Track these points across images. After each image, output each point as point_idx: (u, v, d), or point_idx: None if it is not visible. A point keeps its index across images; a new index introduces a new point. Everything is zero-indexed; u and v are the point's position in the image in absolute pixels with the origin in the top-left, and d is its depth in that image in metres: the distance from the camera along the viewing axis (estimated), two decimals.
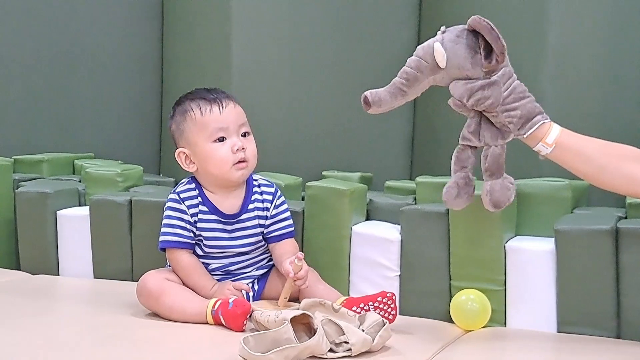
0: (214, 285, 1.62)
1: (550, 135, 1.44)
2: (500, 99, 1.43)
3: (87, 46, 2.46)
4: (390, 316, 1.53)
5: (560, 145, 1.44)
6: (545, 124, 1.45)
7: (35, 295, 1.79)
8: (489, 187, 1.48)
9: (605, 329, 1.54)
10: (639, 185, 1.40)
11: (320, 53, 2.23)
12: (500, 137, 1.47)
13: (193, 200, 1.65)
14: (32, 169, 2.23)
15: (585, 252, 1.53)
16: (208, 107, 1.62)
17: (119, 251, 1.92)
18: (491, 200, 1.48)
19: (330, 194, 1.75)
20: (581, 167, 1.44)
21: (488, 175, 1.48)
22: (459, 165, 1.50)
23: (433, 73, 1.45)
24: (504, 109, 1.44)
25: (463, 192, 1.50)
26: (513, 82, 1.46)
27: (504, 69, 1.45)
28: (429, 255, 1.67)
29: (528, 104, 1.45)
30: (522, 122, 1.44)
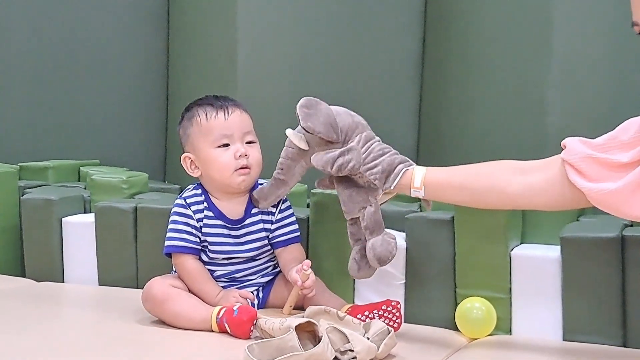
0: (219, 293, 1.62)
1: (416, 178, 1.48)
2: (361, 160, 1.51)
3: (93, 53, 2.47)
4: (395, 324, 1.53)
5: (429, 185, 1.48)
6: (409, 170, 1.50)
7: (40, 302, 1.79)
8: (370, 244, 1.54)
9: (611, 337, 1.53)
10: (514, 195, 1.41)
11: (325, 60, 2.23)
12: (370, 196, 1.53)
13: (199, 206, 1.66)
14: (37, 175, 2.23)
15: (591, 260, 1.53)
16: (214, 113, 1.64)
17: (124, 258, 1.92)
18: (375, 256, 1.53)
19: (335, 200, 1.74)
20: (457, 197, 1.48)
21: (369, 233, 1.54)
22: (353, 240, 1.59)
23: (302, 157, 1.56)
24: (366, 169, 1.51)
25: (363, 264, 1.57)
26: (372, 144, 1.53)
27: (359, 135, 1.53)
28: (435, 262, 1.67)
29: (387, 158, 1.51)
30: (385, 175, 1.50)
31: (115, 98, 2.50)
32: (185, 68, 2.40)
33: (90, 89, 2.47)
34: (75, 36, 2.45)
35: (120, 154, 2.47)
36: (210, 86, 2.20)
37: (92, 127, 2.47)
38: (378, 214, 1.54)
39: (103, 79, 2.48)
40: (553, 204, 1.41)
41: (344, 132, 1.53)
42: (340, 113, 1.55)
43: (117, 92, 2.50)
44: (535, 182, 1.40)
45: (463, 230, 1.63)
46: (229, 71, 2.25)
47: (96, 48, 2.47)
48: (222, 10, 2.27)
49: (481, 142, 2.04)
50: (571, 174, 1.35)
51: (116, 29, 2.48)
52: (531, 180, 1.41)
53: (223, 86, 2.24)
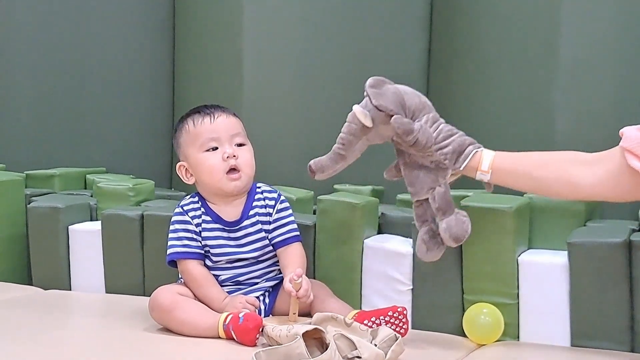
0: (225, 298, 1.62)
1: (484, 162, 1.49)
2: (432, 138, 1.51)
3: (99, 61, 2.47)
4: (402, 330, 1.53)
5: (496, 169, 1.48)
6: (478, 152, 1.50)
7: (47, 310, 1.79)
8: (445, 224, 1.54)
9: (619, 342, 1.52)
10: (579, 187, 1.43)
11: (331, 68, 2.23)
12: (439, 176, 1.53)
13: (196, 212, 1.68)
14: (44, 184, 2.24)
15: (599, 265, 1.52)
16: (200, 119, 1.68)
17: (130, 266, 1.92)
18: (451, 236, 1.53)
19: (342, 207, 1.75)
20: (522, 184, 1.49)
21: (441, 214, 1.54)
22: (420, 221, 1.59)
23: (364, 133, 1.54)
24: (437, 147, 1.51)
25: (432, 245, 1.57)
26: (440, 124, 1.53)
27: (426, 115, 1.53)
28: (442, 268, 1.67)
29: (458, 139, 1.52)
30: (455, 155, 1.51)
31: (121, 106, 2.50)
32: (191, 76, 2.41)
33: (96, 97, 2.48)
34: (81, 45, 2.45)
35: (126, 162, 2.48)
36: (216, 93, 2.21)
37: (98, 134, 2.48)
38: (448, 194, 1.54)
39: (109, 87, 2.49)
40: (619, 194, 1.41)
41: (411, 111, 1.53)
42: (408, 92, 1.55)
43: (123, 100, 2.50)
44: (601, 174, 1.40)
45: (470, 236, 1.63)
46: (234, 79, 2.25)
47: (102, 56, 2.48)
48: (228, 18, 2.27)
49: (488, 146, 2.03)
50: (631, 160, 1.35)
51: (122, 38, 2.49)
52: (597, 171, 1.41)
53: (229, 93, 2.24)
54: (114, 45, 2.48)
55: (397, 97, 1.52)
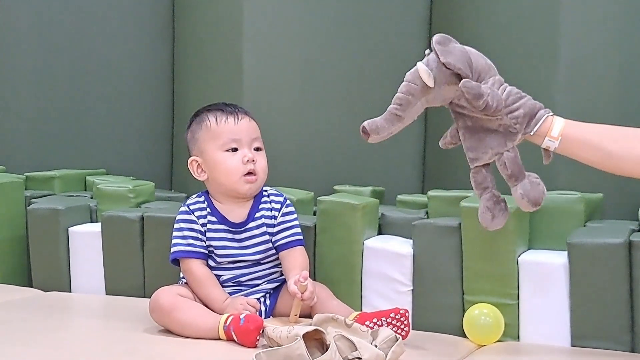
0: (226, 299, 1.62)
1: (555, 128, 1.44)
2: (502, 101, 1.44)
3: (98, 62, 2.47)
4: (404, 332, 1.53)
5: (566, 137, 1.43)
6: (549, 117, 1.45)
7: (48, 312, 1.79)
8: (521, 190, 1.47)
9: (619, 342, 1.52)
10: None
11: (331, 68, 2.23)
12: (508, 140, 1.46)
13: (202, 212, 1.68)
14: (43, 185, 2.24)
15: (599, 265, 1.52)
16: (224, 117, 1.67)
17: (131, 267, 1.92)
18: (529, 201, 1.46)
19: (342, 208, 1.75)
20: (590, 156, 1.43)
21: (514, 180, 1.47)
22: (480, 188, 1.50)
23: (424, 94, 1.46)
24: (508, 111, 1.44)
25: (497, 212, 1.50)
26: (506, 87, 1.47)
27: (492, 77, 1.47)
28: (442, 269, 1.67)
29: (528, 102, 1.46)
30: (526, 119, 1.44)
31: (121, 107, 2.50)
32: (191, 77, 2.41)
33: (96, 98, 2.48)
34: (81, 47, 2.45)
35: (126, 163, 2.48)
36: (216, 94, 2.20)
37: (98, 136, 2.48)
38: (518, 158, 1.47)
39: (109, 88, 2.49)
40: None
41: (477, 72, 1.46)
42: (473, 53, 1.48)
43: (123, 101, 2.50)
44: None
45: (470, 236, 1.63)
46: (234, 79, 2.25)
47: (102, 58, 2.48)
48: (228, 18, 2.27)
49: None
50: None
51: (122, 40, 2.49)
52: None
53: (229, 94, 2.24)
54: (114, 47, 2.48)
55: (464, 57, 1.45)
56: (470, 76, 1.45)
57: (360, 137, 2.24)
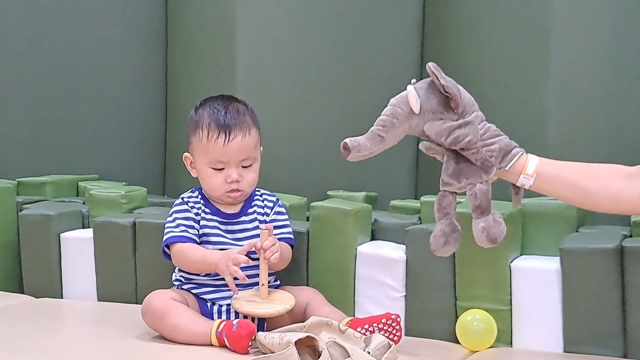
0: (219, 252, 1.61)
1: (530, 165, 1.46)
2: (478, 135, 1.47)
3: (91, 67, 2.47)
4: (396, 338, 1.53)
5: (540, 174, 1.45)
6: (523, 155, 1.48)
7: (39, 318, 1.78)
8: (483, 223, 1.48)
9: (611, 348, 1.53)
10: (623, 201, 1.41)
11: (324, 73, 2.23)
12: (483, 173, 1.48)
13: (196, 204, 1.69)
14: (35, 191, 2.23)
15: (591, 271, 1.53)
16: (215, 134, 1.65)
17: (123, 273, 1.91)
18: (488, 237, 1.48)
19: (335, 214, 1.75)
20: (565, 193, 1.46)
21: (479, 212, 1.48)
22: (442, 213, 1.51)
23: (408, 119, 1.49)
24: (483, 144, 1.47)
25: (451, 239, 1.51)
26: (486, 124, 1.50)
27: (475, 112, 1.49)
28: (435, 275, 1.67)
29: (504, 139, 1.49)
30: (502, 154, 1.47)
31: (113, 112, 2.49)
32: (184, 82, 2.40)
33: (89, 103, 2.47)
34: (73, 52, 2.45)
35: (119, 169, 2.47)
36: None
37: (90, 141, 2.47)
38: (490, 192, 1.48)
39: (101, 93, 2.48)
40: None
41: (463, 105, 1.48)
42: (459, 86, 1.51)
43: (115, 106, 2.50)
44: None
45: (463, 242, 1.63)
46: (227, 84, 2.25)
47: (94, 62, 2.47)
48: (221, 23, 2.27)
49: None
50: None
51: (114, 43, 2.49)
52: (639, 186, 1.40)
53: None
54: (106, 52, 2.48)
55: (456, 87, 1.48)
56: (459, 103, 1.48)
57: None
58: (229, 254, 1.58)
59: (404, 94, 1.50)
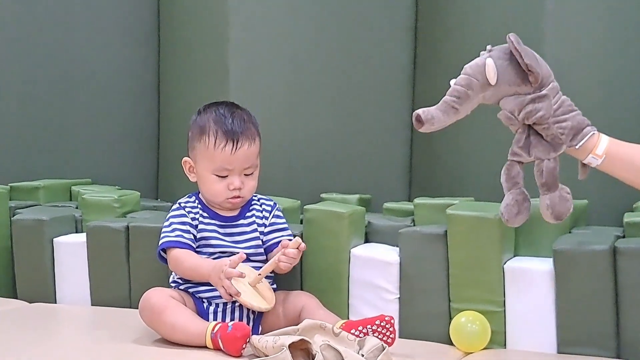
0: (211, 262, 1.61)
1: (600, 146, 1.45)
2: (551, 111, 1.45)
3: (83, 71, 2.46)
4: (389, 339, 1.52)
5: (610, 155, 1.44)
6: (595, 135, 1.46)
7: (33, 323, 1.77)
8: (548, 201, 1.47)
9: (605, 348, 1.53)
10: None
11: (317, 76, 2.24)
12: (552, 150, 1.47)
13: (194, 209, 1.69)
14: (28, 195, 2.22)
15: (584, 272, 1.53)
16: (223, 142, 1.64)
17: (116, 278, 1.91)
18: (553, 213, 1.47)
19: (329, 216, 1.75)
20: (630, 175, 1.45)
21: (546, 189, 1.47)
22: (512, 182, 1.49)
23: (483, 90, 1.47)
24: (555, 121, 1.45)
25: (523, 208, 1.49)
26: (561, 96, 1.48)
27: (552, 83, 1.47)
28: (428, 277, 1.67)
29: (577, 116, 1.47)
30: (573, 132, 1.46)
31: (106, 116, 2.49)
32: (177, 86, 2.40)
33: (81, 107, 2.47)
34: (66, 55, 2.44)
35: (112, 173, 2.46)
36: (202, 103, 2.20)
37: (83, 145, 2.47)
38: (557, 170, 1.47)
39: (94, 97, 2.48)
40: None
41: (541, 76, 1.46)
42: (538, 56, 1.49)
43: (108, 110, 2.49)
44: None
45: (456, 244, 1.63)
46: (220, 88, 2.25)
47: (87, 66, 2.47)
48: (213, 27, 2.27)
49: (474, 155, 2.04)
50: None
51: (107, 48, 2.48)
52: None
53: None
54: (99, 55, 2.48)
55: (536, 60, 1.46)
56: (540, 79, 1.45)
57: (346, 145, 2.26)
58: (220, 266, 1.57)
59: (481, 64, 1.47)
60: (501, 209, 1.49)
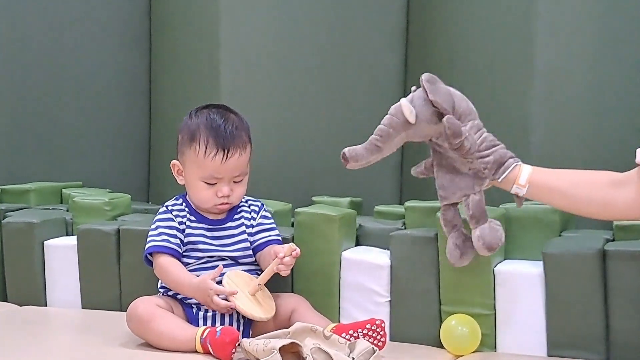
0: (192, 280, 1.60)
1: (522, 176, 1.49)
2: (476, 145, 1.50)
3: (74, 74, 2.46)
4: (380, 343, 1.53)
5: (533, 184, 1.49)
6: (517, 166, 1.51)
7: (24, 327, 1.77)
8: (478, 232, 1.52)
9: (594, 351, 1.53)
10: (613, 208, 1.44)
11: (308, 79, 2.24)
12: (476, 184, 1.52)
13: (181, 212, 1.69)
14: (19, 198, 2.21)
15: (574, 275, 1.54)
16: (214, 151, 1.63)
17: (107, 281, 1.90)
18: (484, 244, 1.51)
19: (320, 219, 1.75)
20: (557, 201, 1.50)
21: (474, 222, 1.52)
22: (450, 226, 1.56)
23: (405, 129, 1.52)
24: (479, 156, 1.50)
25: (465, 249, 1.55)
26: (483, 133, 1.53)
27: (471, 121, 1.52)
28: (419, 280, 1.67)
29: (500, 150, 1.52)
30: (495, 166, 1.50)
31: (97, 119, 2.49)
32: (168, 89, 2.40)
33: (72, 110, 2.46)
34: (56, 57, 2.44)
35: (102, 176, 2.46)
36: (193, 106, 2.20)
37: (74, 148, 2.46)
38: (483, 202, 1.52)
39: (85, 100, 2.47)
40: None
41: (458, 114, 1.51)
42: (457, 95, 1.53)
43: (99, 113, 2.49)
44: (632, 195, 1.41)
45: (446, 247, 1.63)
46: (211, 91, 2.25)
47: (78, 69, 2.46)
48: (205, 31, 2.27)
49: None
50: None
51: (98, 51, 2.48)
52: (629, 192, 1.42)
53: None
54: (90, 58, 2.47)
55: (449, 97, 1.51)
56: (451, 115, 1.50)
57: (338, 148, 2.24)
58: (204, 287, 1.56)
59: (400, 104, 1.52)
60: (446, 254, 1.57)
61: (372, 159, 1.54)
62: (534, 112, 1.93)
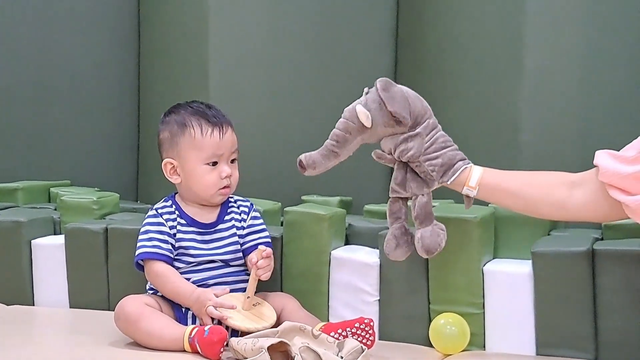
0: (194, 291, 1.60)
1: (472, 178, 1.50)
2: (422, 149, 1.50)
3: (63, 73, 2.45)
4: (369, 342, 1.53)
5: (484, 186, 1.49)
6: (467, 168, 1.51)
7: (11, 326, 1.76)
8: (419, 234, 1.53)
9: (583, 350, 1.54)
10: (565, 210, 1.44)
11: (297, 78, 2.24)
12: (425, 186, 1.53)
13: (171, 215, 1.68)
14: (6, 197, 2.20)
15: (562, 274, 1.54)
16: (209, 129, 1.65)
17: (95, 280, 1.90)
18: (422, 246, 1.53)
19: (309, 219, 1.75)
20: (509, 202, 1.50)
21: (418, 223, 1.53)
22: (393, 217, 1.57)
23: (360, 133, 1.52)
24: (426, 159, 1.51)
25: (402, 242, 1.55)
26: (436, 133, 1.53)
27: (427, 121, 1.52)
28: (408, 279, 1.67)
29: (449, 152, 1.51)
30: (443, 169, 1.50)
31: (85, 118, 2.48)
32: (157, 88, 2.40)
33: (61, 109, 2.46)
34: (45, 56, 2.43)
35: (91, 174, 2.45)
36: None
37: (62, 147, 2.45)
38: (430, 205, 1.53)
39: (74, 99, 2.47)
40: (600, 216, 1.43)
41: (414, 116, 1.51)
42: (411, 96, 1.53)
43: (88, 112, 2.48)
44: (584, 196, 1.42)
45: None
46: (200, 90, 2.25)
47: (66, 68, 2.46)
48: (193, 30, 2.27)
49: None
50: (612, 193, 1.36)
51: (87, 49, 2.47)
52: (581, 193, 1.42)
53: None
54: (78, 57, 2.46)
55: (405, 103, 1.50)
56: (409, 122, 1.50)
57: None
58: (202, 301, 1.57)
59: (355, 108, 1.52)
60: (384, 245, 1.57)
61: (329, 164, 1.55)
62: (523, 111, 1.94)
